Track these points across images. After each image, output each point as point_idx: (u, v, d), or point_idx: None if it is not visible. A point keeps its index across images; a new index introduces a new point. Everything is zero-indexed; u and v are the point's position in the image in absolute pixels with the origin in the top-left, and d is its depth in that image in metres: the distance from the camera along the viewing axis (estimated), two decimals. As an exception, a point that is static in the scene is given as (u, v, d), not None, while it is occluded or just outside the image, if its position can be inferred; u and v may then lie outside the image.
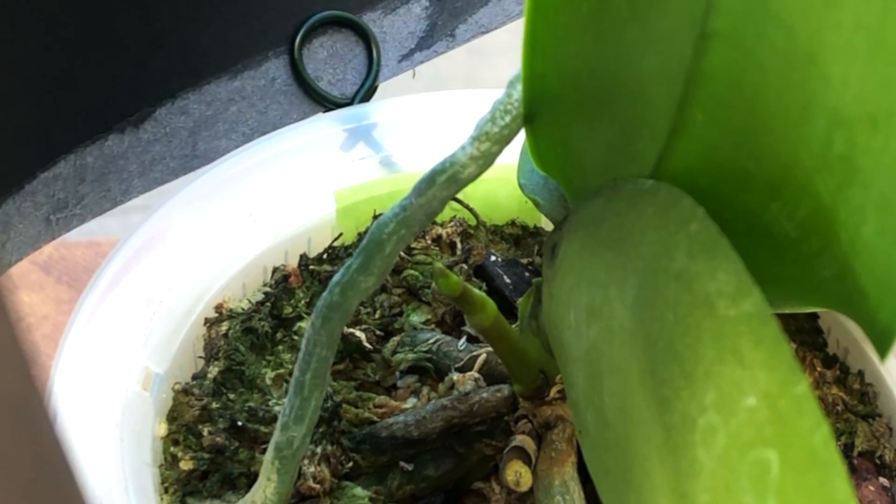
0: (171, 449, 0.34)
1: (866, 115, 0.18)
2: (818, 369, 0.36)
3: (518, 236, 0.40)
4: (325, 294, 0.30)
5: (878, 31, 0.17)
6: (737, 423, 0.20)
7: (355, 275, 0.30)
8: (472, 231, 0.40)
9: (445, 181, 0.29)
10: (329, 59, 0.40)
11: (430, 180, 0.29)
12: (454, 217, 0.40)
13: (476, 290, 0.30)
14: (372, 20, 0.41)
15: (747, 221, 0.24)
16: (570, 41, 0.26)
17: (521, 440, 0.33)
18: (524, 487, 0.31)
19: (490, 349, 0.36)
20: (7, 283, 0.65)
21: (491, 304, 0.30)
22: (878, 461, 0.35)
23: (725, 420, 0.20)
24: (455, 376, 0.36)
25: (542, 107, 0.28)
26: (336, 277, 0.30)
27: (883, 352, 0.20)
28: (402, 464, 0.35)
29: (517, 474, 0.31)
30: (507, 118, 0.28)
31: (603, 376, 0.25)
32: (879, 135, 0.18)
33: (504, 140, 0.29)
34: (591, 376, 0.26)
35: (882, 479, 0.35)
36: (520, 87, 0.28)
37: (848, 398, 0.36)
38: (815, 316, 0.37)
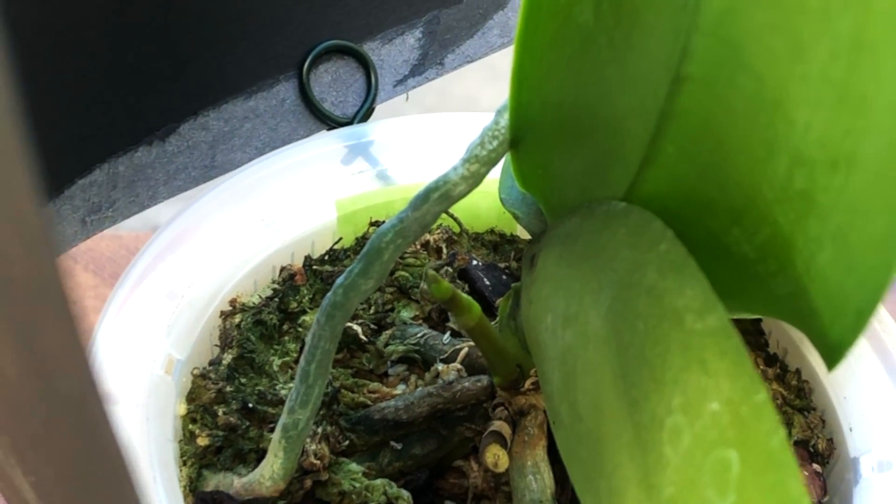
0: (190, 426, 0.33)
1: (827, 158, 0.18)
2: (760, 367, 0.36)
3: (496, 243, 0.40)
4: (329, 294, 0.30)
5: (842, 84, 0.17)
6: (701, 425, 0.20)
7: (356, 278, 0.30)
8: (456, 238, 0.39)
9: (438, 198, 0.29)
10: (333, 83, 0.40)
11: (424, 196, 0.29)
12: (440, 225, 0.39)
13: (463, 295, 0.29)
14: (371, 49, 0.40)
15: (710, 242, 0.24)
16: (554, 77, 0.26)
17: (499, 426, 0.32)
18: (501, 469, 0.31)
19: (471, 343, 0.35)
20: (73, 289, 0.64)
21: (476, 307, 0.30)
22: (811, 449, 0.35)
23: (691, 422, 0.20)
24: (440, 367, 0.35)
25: (526, 134, 0.28)
26: (339, 280, 0.30)
27: (831, 364, 0.20)
28: (392, 443, 0.34)
29: (495, 457, 0.31)
30: (495, 143, 0.28)
31: (577, 375, 0.25)
32: (839, 175, 0.18)
33: (491, 162, 0.28)
34: (565, 375, 0.26)
35: (815, 466, 0.34)
36: (507, 115, 0.28)
37: (786, 393, 0.36)
38: (758, 319, 0.37)
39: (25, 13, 0.32)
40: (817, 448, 0.35)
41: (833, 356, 0.20)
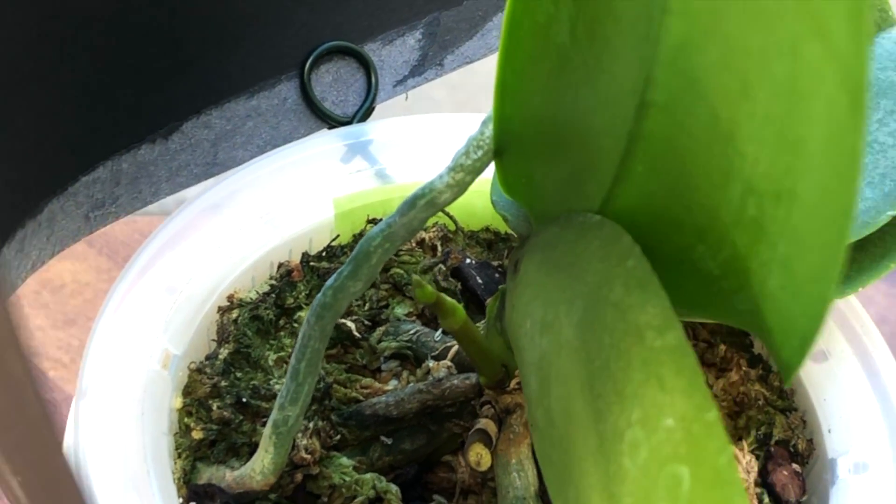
0: (186, 420, 0.34)
1: (772, 190, 0.18)
2: (743, 368, 0.36)
3: (491, 241, 0.40)
4: (319, 295, 0.30)
5: (782, 125, 0.17)
6: (657, 440, 0.20)
7: (345, 280, 0.30)
8: (451, 236, 0.40)
9: (424, 205, 0.29)
10: (334, 82, 0.40)
11: (411, 203, 0.29)
12: (436, 223, 0.39)
13: (448, 299, 0.30)
14: (372, 50, 0.40)
15: (678, 257, 0.24)
16: (534, 92, 0.26)
17: (485, 423, 0.33)
18: (484, 467, 0.31)
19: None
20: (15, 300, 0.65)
21: (460, 310, 0.30)
22: (792, 449, 0.35)
23: (648, 436, 0.20)
24: (431, 363, 0.36)
25: (509, 144, 0.28)
26: (329, 282, 0.30)
27: (786, 380, 0.20)
28: (382, 438, 0.35)
29: (478, 455, 0.31)
30: (480, 153, 0.28)
31: (551, 382, 0.25)
32: (782, 207, 0.18)
33: (476, 171, 0.29)
34: (541, 380, 0.26)
35: (795, 465, 0.35)
36: (491, 126, 0.28)
37: (768, 394, 0.36)
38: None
39: (30, 13, 0.32)
40: (797, 448, 0.35)
41: (786, 373, 0.20)
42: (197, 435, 0.33)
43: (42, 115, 0.34)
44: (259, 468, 0.32)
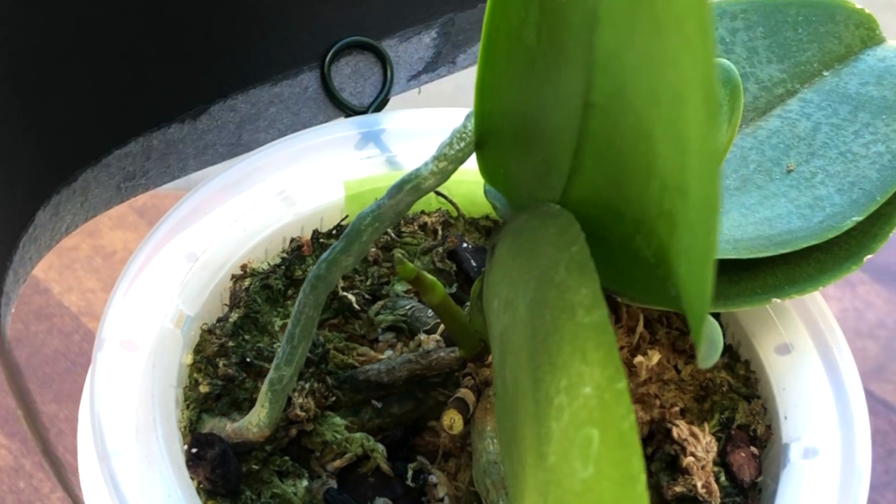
0: (195, 375, 0.36)
1: (677, 186, 0.20)
2: (710, 356, 0.37)
3: (489, 228, 0.42)
4: (314, 268, 0.32)
5: (675, 127, 0.18)
6: (577, 405, 0.21)
7: (338, 255, 0.32)
8: (452, 221, 0.41)
9: (410, 189, 0.31)
10: (352, 74, 0.42)
11: (398, 187, 0.31)
12: (439, 209, 0.41)
13: (427, 276, 0.31)
14: (389, 46, 0.42)
15: (624, 245, 0.25)
16: (509, 90, 0.28)
17: (464, 393, 0.34)
18: (456, 431, 0.33)
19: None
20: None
21: (439, 287, 0.32)
22: (751, 433, 0.36)
23: (570, 402, 0.22)
24: (422, 337, 0.37)
25: (488, 137, 0.30)
26: (324, 255, 0.32)
27: (700, 364, 0.22)
28: (373, 402, 0.36)
29: (451, 420, 0.33)
30: (462, 144, 0.30)
31: (507, 354, 0.27)
32: (682, 202, 0.19)
33: (458, 161, 0.30)
34: (501, 352, 0.28)
35: (753, 448, 0.36)
36: (473, 120, 0.30)
37: (733, 381, 0.37)
38: (717, 313, 0.39)
39: (73, 2, 0.34)
40: (756, 433, 0.36)
41: (698, 355, 0.21)
42: (203, 389, 0.35)
43: (81, 92, 0.36)
44: (255, 421, 0.33)
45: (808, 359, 0.36)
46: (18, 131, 0.34)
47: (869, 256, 0.35)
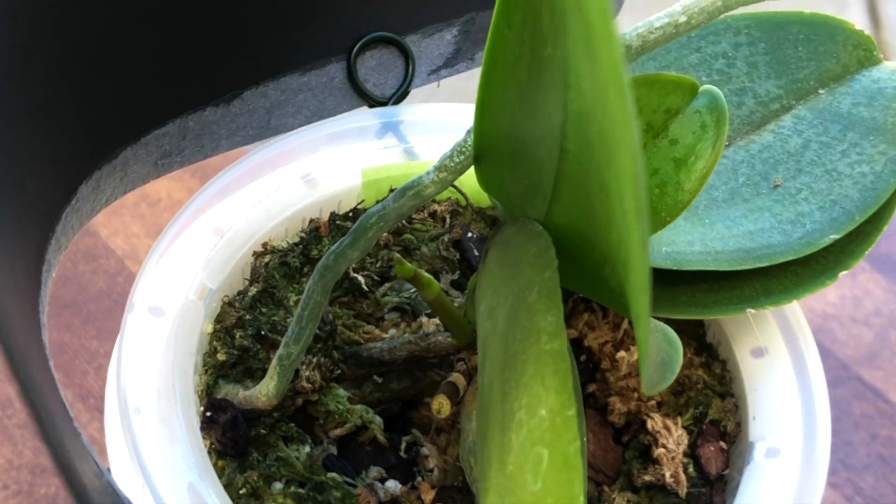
0: (214, 343, 0.37)
1: (624, 236, 0.21)
2: (689, 355, 0.39)
3: (495, 218, 0.43)
4: (323, 258, 0.33)
5: (620, 184, 0.19)
6: (533, 424, 0.23)
7: (345, 248, 0.33)
8: (461, 210, 0.42)
9: (412, 195, 0.32)
10: (376, 67, 0.43)
11: (402, 192, 0.32)
12: (448, 198, 0.42)
13: (424, 274, 0.33)
14: (412, 41, 0.43)
15: (593, 271, 0.27)
16: (504, 115, 0.29)
17: (455, 377, 0.36)
18: (444, 415, 0.34)
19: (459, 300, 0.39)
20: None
21: (435, 284, 0.33)
22: (722, 429, 0.37)
23: (528, 419, 0.23)
24: (423, 319, 0.39)
25: (485, 153, 0.31)
26: (332, 248, 0.33)
27: (645, 387, 0.23)
28: (375, 377, 0.38)
29: (440, 405, 0.34)
30: (461, 157, 0.31)
31: (486, 359, 0.28)
32: (625, 250, 0.21)
33: (458, 172, 0.32)
34: (483, 355, 0.29)
35: (722, 443, 0.37)
36: (472, 136, 0.31)
37: (709, 379, 0.38)
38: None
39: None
40: (727, 429, 0.37)
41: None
42: (221, 357, 0.37)
43: (123, 77, 0.38)
44: (264, 391, 0.35)
45: (780, 363, 0.37)
46: (65, 113, 0.35)
47: (843, 272, 0.36)
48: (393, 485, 0.36)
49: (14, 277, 0.31)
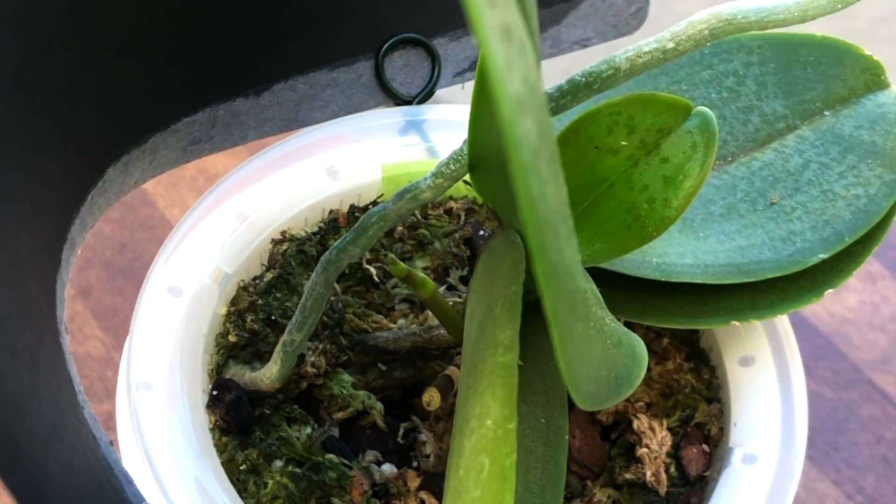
0: (227, 324, 0.38)
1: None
2: (679, 360, 0.38)
3: (507, 218, 0.43)
4: (326, 253, 0.34)
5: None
6: (480, 433, 0.23)
7: (347, 245, 0.33)
8: (476, 208, 0.42)
9: (410, 198, 0.32)
10: (403, 67, 0.43)
11: (401, 195, 0.32)
12: (465, 196, 0.42)
13: (418, 273, 0.33)
14: (440, 44, 0.43)
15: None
16: (492, 130, 0.29)
17: (451, 370, 0.36)
18: (433, 407, 0.34)
19: (458, 299, 0.39)
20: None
21: (430, 284, 0.33)
22: (706, 433, 0.37)
23: (478, 428, 0.23)
24: (429, 313, 0.39)
25: (478, 163, 0.31)
26: (336, 243, 0.34)
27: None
28: (379, 364, 0.38)
29: (430, 397, 0.35)
30: (457, 165, 0.31)
31: (463, 360, 0.29)
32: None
33: (453, 179, 0.32)
34: (463, 356, 0.29)
35: (704, 446, 0.37)
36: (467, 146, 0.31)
37: (696, 384, 0.38)
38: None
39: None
40: (710, 432, 0.37)
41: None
42: (232, 338, 0.37)
43: (157, 67, 0.38)
44: (268, 375, 0.36)
45: (766, 374, 0.37)
46: (95, 100, 0.36)
47: (829, 291, 0.36)
48: (389, 468, 0.36)
49: (34, 250, 0.32)
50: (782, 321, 0.38)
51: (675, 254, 0.35)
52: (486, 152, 0.30)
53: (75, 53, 0.33)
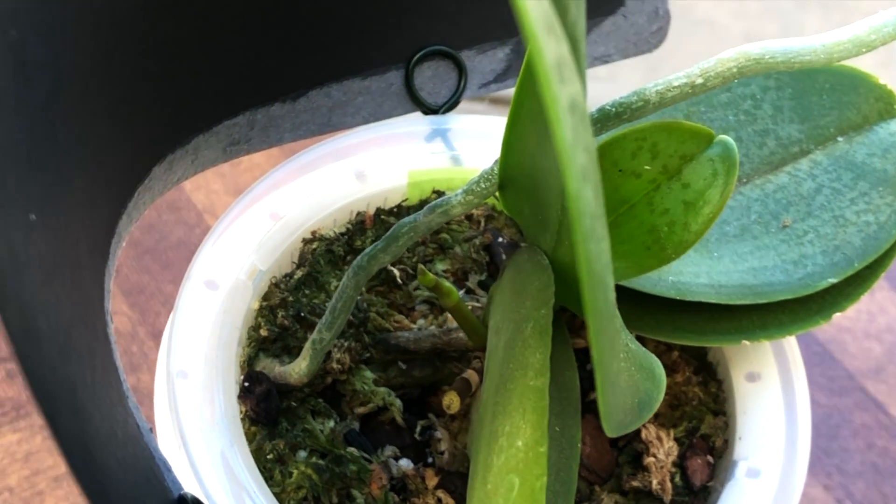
0: (259, 319, 0.38)
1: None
2: (687, 373, 0.39)
3: (527, 226, 0.43)
4: (357, 259, 0.34)
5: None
6: (510, 453, 0.23)
7: (378, 252, 0.34)
8: (496, 215, 0.43)
9: (441, 212, 0.32)
10: (431, 77, 0.43)
11: (432, 209, 0.33)
12: (485, 203, 0.43)
13: (445, 283, 0.33)
14: (467, 56, 0.43)
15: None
16: (525, 156, 0.29)
17: (469, 374, 0.36)
18: (453, 410, 0.35)
19: (476, 304, 0.39)
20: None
21: (454, 293, 0.34)
22: (711, 444, 0.38)
23: (508, 446, 0.24)
24: (448, 315, 0.39)
25: (508, 183, 0.31)
26: (366, 250, 0.34)
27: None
28: (399, 363, 0.38)
29: (450, 401, 0.35)
30: (487, 184, 0.32)
31: (488, 374, 0.29)
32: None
33: (483, 196, 0.32)
34: (487, 367, 0.30)
35: (709, 457, 0.37)
36: (498, 167, 0.31)
37: (704, 396, 0.38)
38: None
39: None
40: (715, 444, 0.38)
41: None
42: (263, 332, 0.38)
43: (201, 71, 0.38)
44: (297, 370, 0.36)
45: (771, 390, 0.37)
46: (145, 105, 0.36)
47: (837, 314, 0.36)
48: (406, 463, 0.37)
49: (89, 247, 0.32)
50: (789, 340, 0.39)
51: (690, 273, 0.36)
52: (516, 175, 0.30)
53: (132, 65, 0.33)
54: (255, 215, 0.39)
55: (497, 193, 0.32)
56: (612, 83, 1.08)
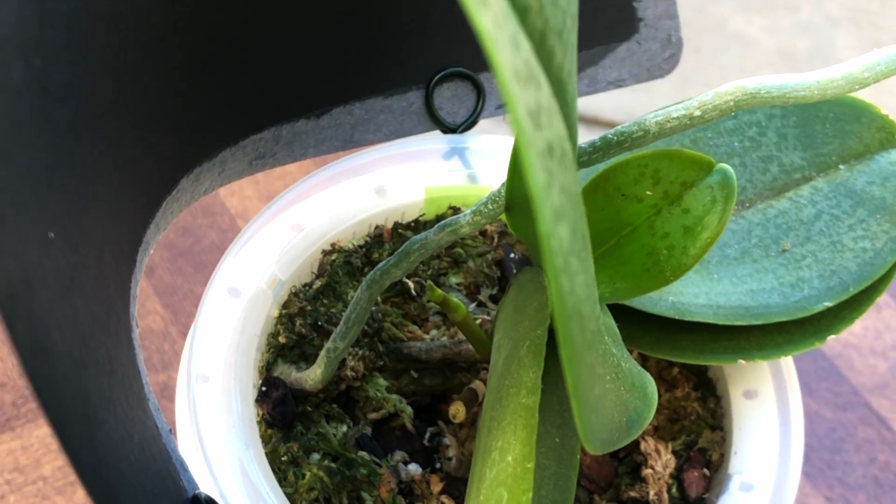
0: (278, 326, 0.39)
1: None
2: (687, 389, 0.39)
3: (538, 242, 0.43)
4: (371, 273, 0.35)
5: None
6: (501, 467, 0.24)
7: (391, 267, 0.34)
8: (508, 231, 0.43)
9: (450, 231, 0.33)
10: (451, 97, 0.44)
11: (441, 228, 0.33)
12: (499, 219, 0.43)
13: (452, 299, 0.34)
14: (485, 78, 0.44)
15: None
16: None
17: (477, 385, 0.37)
18: (459, 420, 0.35)
19: (486, 317, 0.40)
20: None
21: (462, 308, 0.34)
22: (707, 458, 0.38)
23: (499, 460, 0.24)
24: (460, 327, 0.39)
25: (514, 205, 0.31)
26: (379, 265, 0.34)
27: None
28: (412, 371, 0.39)
29: (456, 410, 0.35)
30: (494, 205, 0.32)
31: (489, 389, 0.29)
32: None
33: (490, 217, 0.32)
34: (489, 381, 0.30)
35: (705, 470, 0.37)
36: (505, 189, 0.32)
37: (702, 411, 0.39)
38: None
39: (215, 14, 0.37)
40: (711, 458, 0.38)
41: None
42: (282, 340, 0.38)
43: (228, 89, 0.39)
44: (312, 377, 0.37)
45: (767, 408, 0.38)
46: (172, 117, 0.37)
47: (832, 336, 0.36)
48: (414, 467, 0.37)
49: (115, 257, 0.33)
50: (786, 359, 0.39)
51: (690, 293, 0.36)
52: (520, 198, 0.31)
53: (159, 83, 0.34)
54: (277, 226, 0.40)
55: (504, 214, 0.32)
56: (648, 94, 1.07)
